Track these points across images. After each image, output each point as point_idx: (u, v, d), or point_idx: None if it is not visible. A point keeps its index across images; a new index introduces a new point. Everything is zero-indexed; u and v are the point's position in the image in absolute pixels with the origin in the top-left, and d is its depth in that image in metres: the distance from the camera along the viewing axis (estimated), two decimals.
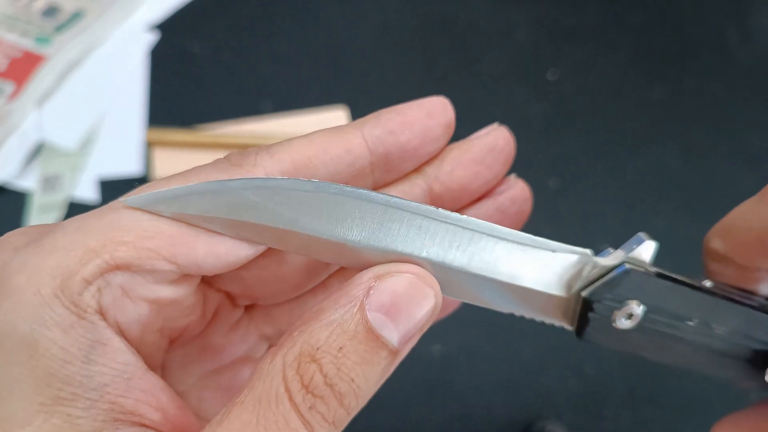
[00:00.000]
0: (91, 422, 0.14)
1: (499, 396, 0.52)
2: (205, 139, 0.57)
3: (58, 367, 0.14)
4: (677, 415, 0.53)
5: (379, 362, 0.16)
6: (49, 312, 0.14)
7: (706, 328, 0.20)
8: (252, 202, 0.17)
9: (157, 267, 0.16)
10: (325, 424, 0.15)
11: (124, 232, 0.16)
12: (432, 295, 0.17)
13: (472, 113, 0.65)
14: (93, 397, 0.15)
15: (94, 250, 0.15)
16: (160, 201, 0.16)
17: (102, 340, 0.15)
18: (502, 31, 0.70)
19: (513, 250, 0.19)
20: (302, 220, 0.17)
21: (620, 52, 0.70)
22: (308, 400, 0.15)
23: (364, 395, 0.16)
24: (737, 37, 0.71)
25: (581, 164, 0.63)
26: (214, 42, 0.67)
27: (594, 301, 0.19)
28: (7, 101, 0.59)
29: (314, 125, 0.59)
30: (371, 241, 0.17)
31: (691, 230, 0.49)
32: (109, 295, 0.16)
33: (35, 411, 0.14)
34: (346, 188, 0.17)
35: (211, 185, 0.17)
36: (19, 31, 0.63)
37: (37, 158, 0.58)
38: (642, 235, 0.20)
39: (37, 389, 0.14)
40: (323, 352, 0.15)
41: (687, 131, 0.66)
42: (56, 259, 0.15)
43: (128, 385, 0.15)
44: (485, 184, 0.22)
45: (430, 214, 0.18)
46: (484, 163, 0.22)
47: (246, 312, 0.22)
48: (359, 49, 0.68)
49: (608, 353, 0.54)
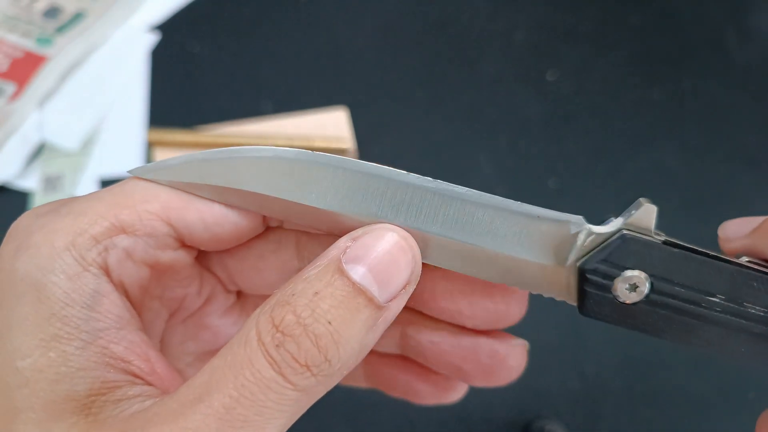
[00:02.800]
0: (83, 360, 0.16)
1: (499, 396, 0.52)
2: (206, 140, 0.57)
3: (59, 308, 0.16)
4: (676, 414, 0.54)
5: (358, 309, 0.16)
6: (59, 261, 0.16)
7: (736, 306, 0.17)
8: (236, 169, 0.18)
9: (156, 229, 0.18)
10: (295, 364, 0.15)
11: (128, 198, 0.18)
12: (407, 246, 0.17)
13: (471, 113, 0.65)
14: (87, 339, 0.16)
15: (102, 213, 0.17)
16: (158, 170, 0.18)
17: (102, 292, 0.17)
18: (501, 31, 0.70)
19: (496, 216, 0.18)
20: (281, 186, 0.18)
21: (619, 53, 0.70)
22: (277, 338, 0.15)
23: (345, 343, 0.16)
24: (736, 38, 0.72)
25: (581, 164, 0.63)
26: (215, 42, 0.67)
27: (587, 271, 0.18)
28: (9, 101, 0.59)
29: (314, 126, 0.59)
30: (346, 206, 0.18)
31: (690, 230, 0.49)
32: (115, 256, 0.17)
33: (35, 346, 0.15)
34: (322, 156, 0.18)
35: (200, 154, 0.19)
36: (20, 32, 0.63)
37: (39, 158, 0.58)
38: (642, 200, 0.18)
39: (39, 327, 0.16)
40: (297, 297, 0.16)
41: (686, 131, 0.66)
42: (70, 221, 0.17)
43: (120, 335, 0.17)
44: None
45: (404, 178, 0.18)
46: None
47: (238, 299, 0.23)
48: (359, 50, 0.68)
49: (607, 353, 0.54)
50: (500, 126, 0.64)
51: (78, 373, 0.16)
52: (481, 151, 0.62)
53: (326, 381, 0.16)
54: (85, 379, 0.16)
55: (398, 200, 0.18)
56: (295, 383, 0.15)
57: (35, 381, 0.15)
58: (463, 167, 0.61)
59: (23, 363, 0.15)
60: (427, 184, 0.18)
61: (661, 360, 0.55)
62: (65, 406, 0.15)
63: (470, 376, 0.22)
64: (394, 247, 0.17)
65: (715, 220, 0.22)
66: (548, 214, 0.18)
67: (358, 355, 0.16)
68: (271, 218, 0.21)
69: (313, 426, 0.50)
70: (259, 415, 0.15)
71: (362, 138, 0.61)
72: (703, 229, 0.66)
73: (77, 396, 0.15)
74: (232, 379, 0.15)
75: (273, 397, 0.15)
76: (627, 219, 0.18)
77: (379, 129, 0.63)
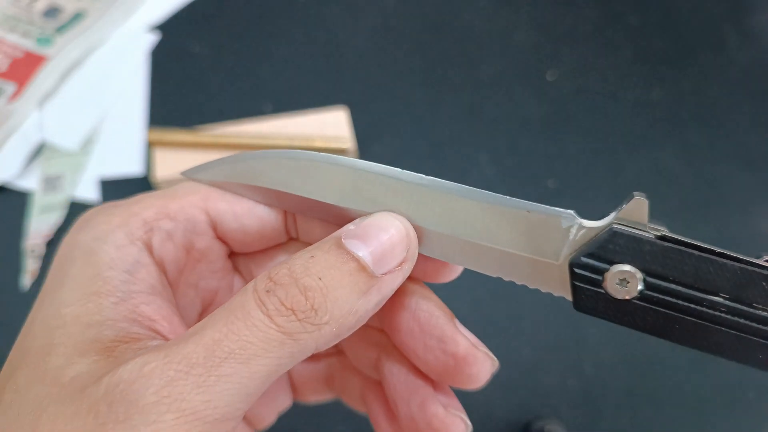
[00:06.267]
0: (114, 314, 0.18)
1: (498, 395, 0.52)
2: (206, 140, 0.57)
3: (103, 270, 0.19)
4: (676, 414, 0.54)
5: (350, 273, 0.17)
6: (111, 234, 0.20)
7: (743, 308, 0.16)
8: (257, 170, 0.21)
9: (194, 216, 0.21)
10: (281, 307, 0.17)
11: (176, 192, 0.22)
12: (402, 227, 0.19)
13: (471, 113, 0.65)
14: (121, 296, 0.19)
15: (153, 203, 0.21)
16: (199, 171, 0.22)
17: (142, 263, 0.20)
18: (501, 32, 0.70)
19: (488, 211, 0.18)
20: (294, 183, 0.21)
21: (619, 53, 0.70)
22: (269, 286, 0.17)
23: (334, 299, 0.17)
24: (736, 38, 0.72)
25: (580, 165, 0.63)
26: (215, 43, 0.67)
27: (576, 265, 0.17)
28: (9, 101, 0.59)
29: (314, 126, 0.59)
30: (350, 201, 0.20)
31: (689, 230, 0.49)
32: (158, 236, 0.21)
33: (78, 298, 0.18)
34: (329, 157, 0.20)
35: (231, 158, 0.22)
36: (20, 32, 0.63)
37: (39, 158, 0.58)
38: (634, 193, 0.17)
39: (84, 283, 0.19)
40: (295, 259, 0.18)
41: (685, 132, 0.66)
42: (127, 207, 0.21)
43: (150, 299, 0.20)
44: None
45: (399, 175, 0.19)
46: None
47: None
48: (359, 50, 0.68)
49: (607, 353, 0.54)
50: (500, 126, 0.64)
51: (107, 322, 0.18)
52: (481, 151, 0.62)
53: (314, 331, 0.17)
54: (113, 328, 0.18)
55: (396, 195, 0.19)
56: (280, 324, 0.16)
57: (71, 324, 0.18)
58: (463, 167, 0.61)
59: (66, 310, 0.18)
60: (420, 180, 0.19)
61: (661, 360, 0.55)
62: (91, 347, 0.17)
63: (401, 417, 0.22)
64: (391, 226, 0.19)
65: (715, 220, 0.22)
66: (539, 208, 0.18)
67: (349, 317, 0.17)
68: (291, 229, 0.23)
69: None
70: (243, 350, 0.16)
71: (362, 138, 0.61)
72: (701, 228, 0.66)
73: (103, 340, 0.18)
74: (224, 319, 0.17)
75: (258, 335, 0.16)
76: (618, 212, 0.17)
77: (379, 129, 0.63)
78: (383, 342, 0.23)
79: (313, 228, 0.23)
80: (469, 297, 0.55)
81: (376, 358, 0.23)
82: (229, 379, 0.16)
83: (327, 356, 0.27)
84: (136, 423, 0.15)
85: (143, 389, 0.15)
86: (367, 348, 0.24)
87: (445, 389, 0.22)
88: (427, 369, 0.21)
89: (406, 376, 0.22)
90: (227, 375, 0.16)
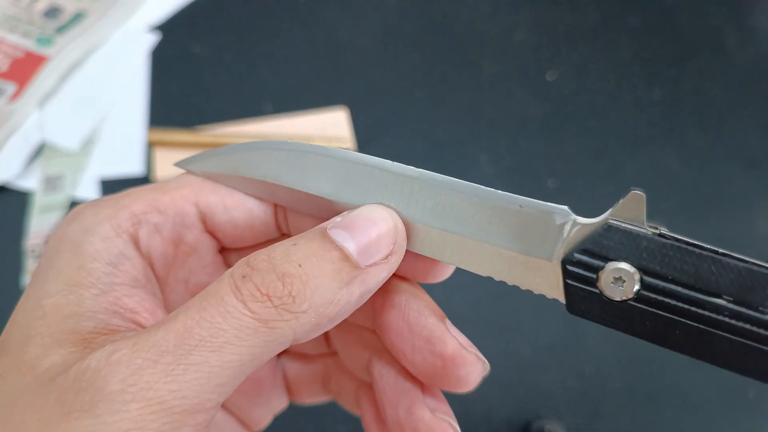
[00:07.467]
0: (94, 305, 0.18)
1: (498, 395, 0.52)
2: (206, 140, 0.57)
3: (87, 262, 0.19)
4: (676, 414, 0.54)
5: (332, 261, 0.17)
6: (98, 226, 0.19)
7: (748, 311, 0.15)
8: (248, 161, 0.21)
9: (184, 209, 0.21)
10: (257, 292, 0.16)
11: (167, 185, 0.21)
12: (390, 218, 0.18)
13: (471, 113, 0.65)
14: (103, 288, 0.19)
15: (143, 196, 0.21)
16: (193, 161, 0.22)
17: (126, 255, 0.20)
18: (501, 32, 0.70)
19: (479, 205, 0.18)
20: (283, 174, 0.20)
21: (619, 53, 0.70)
22: (245, 271, 0.17)
23: (314, 287, 0.16)
24: (736, 38, 0.72)
25: (580, 164, 0.63)
26: (215, 43, 0.67)
27: (569, 263, 0.16)
28: (9, 102, 0.59)
29: (314, 126, 0.59)
30: (338, 193, 0.19)
31: (689, 230, 0.49)
32: (146, 229, 0.20)
33: (59, 288, 0.18)
34: (319, 147, 0.20)
35: (225, 148, 0.21)
36: (20, 32, 0.63)
37: (39, 158, 0.58)
38: (632, 188, 0.16)
39: (68, 275, 0.18)
40: (277, 246, 0.17)
41: (685, 132, 0.66)
42: (115, 201, 0.20)
43: (133, 292, 0.19)
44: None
45: (388, 166, 0.19)
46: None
47: None
48: (359, 50, 0.68)
49: (607, 353, 0.55)
50: (500, 126, 0.64)
51: (87, 313, 0.18)
52: (481, 151, 0.62)
53: (291, 319, 0.16)
54: (92, 319, 0.18)
55: (385, 188, 0.19)
56: (254, 311, 0.16)
57: (51, 315, 0.18)
58: (463, 167, 0.61)
59: (47, 301, 0.18)
60: (411, 173, 0.19)
61: (661, 360, 0.55)
62: (69, 337, 0.17)
63: (388, 422, 0.21)
64: (378, 217, 0.18)
65: (715, 220, 0.22)
66: (533, 204, 0.17)
67: (329, 307, 0.17)
68: (282, 224, 0.22)
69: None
70: (215, 337, 0.15)
71: (362, 138, 0.61)
72: (701, 228, 0.67)
73: (82, 331, 0.17)
74: (197, 305, 0.16)
75: (231, 322, 0.16)
76: (614, 208, 0.16)
77: (379, 129, 0.63)
78: (375, 344, 0.23)
79: (304, 223, 0.22)
80: (468, 297, 0.55)
81: (368, 360, 0.23)
82: (199, 368, 0.15)
83: (322, 357, 0.26)
84: (100, 412, 0.15)
85: (109, 377, 0.15)
86: (360, 349, 0.23)
87: (435, 393, 0.21)
88: (415, 371, 0.21)
89: (395, 379, 0.21)
90: (197, 364, 0.15)
